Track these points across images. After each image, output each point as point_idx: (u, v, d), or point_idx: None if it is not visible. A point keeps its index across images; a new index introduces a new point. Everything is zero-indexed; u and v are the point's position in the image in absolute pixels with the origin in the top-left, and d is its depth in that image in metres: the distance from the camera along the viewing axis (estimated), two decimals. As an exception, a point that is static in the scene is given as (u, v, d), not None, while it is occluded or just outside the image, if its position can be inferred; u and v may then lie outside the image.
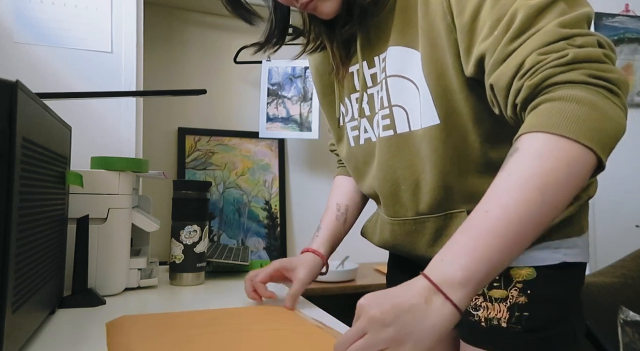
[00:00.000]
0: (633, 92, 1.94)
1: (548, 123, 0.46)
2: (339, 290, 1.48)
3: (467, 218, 0.50)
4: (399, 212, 0.76)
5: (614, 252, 1.53)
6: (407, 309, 0.46)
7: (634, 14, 1.97)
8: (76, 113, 1.20)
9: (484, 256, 0.46)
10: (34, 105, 0.56)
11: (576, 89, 0.47)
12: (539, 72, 0.49)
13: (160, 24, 1.72)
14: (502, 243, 0.46)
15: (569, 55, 0.48)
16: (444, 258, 0.48)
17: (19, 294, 0.52)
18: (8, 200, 0.47)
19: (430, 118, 0.66)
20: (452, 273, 0.46)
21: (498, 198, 0.47)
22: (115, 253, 0.88)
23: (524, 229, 0.46)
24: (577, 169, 0.46)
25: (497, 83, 0.54)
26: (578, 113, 0.46)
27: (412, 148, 0.70)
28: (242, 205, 1.77)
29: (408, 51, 0.68)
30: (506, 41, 0.53)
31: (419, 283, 0.48)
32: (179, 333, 0.62)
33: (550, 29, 0.50)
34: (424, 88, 0.66)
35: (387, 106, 0.72)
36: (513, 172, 0.47)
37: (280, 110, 1.77)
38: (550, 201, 0.46)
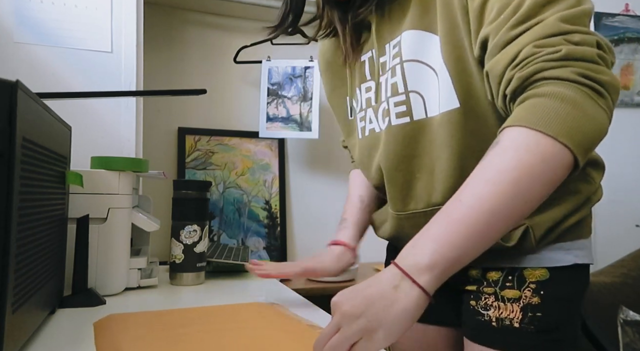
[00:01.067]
0: (633, 92, 1.94)
1: (529, 119, 0.47)
2: (339, 290, 1.48)
3: (444, 206, 0.51)
4: (409, 204, 0.74)
5: (614, 252, 1.53)
6: (377, 298, 0.47)
7: (634, 14, 1.97)
8: (76, 113, 1.20)
9: (452, 243, 0.48)
10: (34, 105, 0.56)
11: (563, 87, 0.48)
12: (531, 65, 0.50)
13: (160, 23, 1.72)
14: (472, 231, 0.48)
15: (562, 51, 0.48)
16: (414, 244, 0.50)
17: (19, 294, 0.52)
18: (8, 200, 0.47)
19: (449, 103, 0.64)
20: (420, 258, 0.48)
21: (473, 188, 0.49)
22: (115, 253, 0.88)
23: (494, 220, 0.48)
24: (552, 166, 0.47)
25: (492, 70, 0.55)
26: (560, 111, 0.46)
27: (429, 135, 0.68)
28: (242, 205, 1.77)
29: (426, 35, 0.66)
30: (508, 27, 0.53)
31: (388, 272, 0.49)
32: (167, 332, 0.62)
33: (551, 22, 0.50)
34: (443, 73, 0.64)
35: (402, 92, 0.69)
36: (491, 164, 0.49)
37: (280, 110, 1.77)
38: (523, 195, 0.47)
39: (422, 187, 0.71)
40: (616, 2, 1.97)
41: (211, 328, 0.64)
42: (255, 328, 0.64)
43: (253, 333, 0.62)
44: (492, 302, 0.70)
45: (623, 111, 1.84)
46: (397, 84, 0.70)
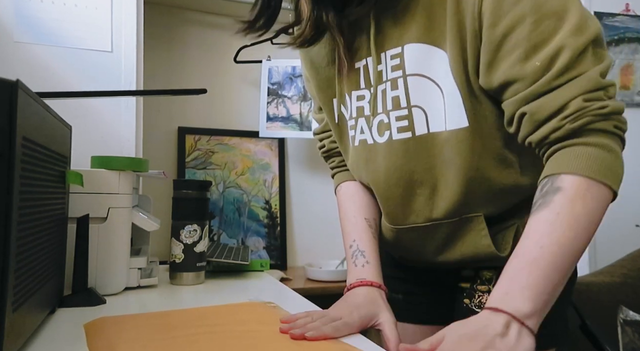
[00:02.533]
0: (633, 92, 1.94)
1: (590, 169, 0.54)
2: (339, 290, 1.47)
3: (520, 252, 0.55)
4: (408, 218, 0.73)
5: (614, 252, 1.53)
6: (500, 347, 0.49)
7: (634, 14, 1.97)
8: (76, 112, 1.20)
9: (546, 288, 0.53)
10: (34, 105, 0.56)
11: (607, 138, 0.55)
12: (582, 118, 0.55)
13: (161, 23, 1.72)
14: (559, 275, 0.53)
15: (608, 107, 0.55)
16: (508, 291, 0.53)
17: (19, 293, 0.52)
18: (8, 199, 0.47)
19: (458, 121, 0.64)
20: (522, 305, 0.52)
21: (551, 234, 0.54)
22: (115, 252, 0.88)
23: (573, 261, 0.55)
24: (604, 208, 0.56)
25: (535, 114, 0.57)
26: (609, 162, 0.55)
27: (431, 150, 0.67)
28: (242, 205, 1.77)
29: (432, 50, 0.64)
30: (551, 77, 0.56)
31: (494, 318, 0.51)
32: (161, 334, 0.62)
33: (594, 77, 0.55)
34: (451, 90, 0.64)
35: (405, 107, 0.68)
36: (562, 212, 0.54)
37: (281, 109, 1.77)
38: (590, 235, 0.55)
39: (423, 202, 0.71)
40: (616, 2, 1.97)
41: (207, 329, 0.64)
42: (250, 329, 0.64)
43: (247, 333, 0.62)
44: (485, 300, 0.71)
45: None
46: (399, 97, 0.68)
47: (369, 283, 0.72)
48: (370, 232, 0.79)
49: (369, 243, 0.77)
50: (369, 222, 0.80)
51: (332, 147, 0.90)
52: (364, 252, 0.77)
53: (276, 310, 0.75)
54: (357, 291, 0.71)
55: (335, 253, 1.73)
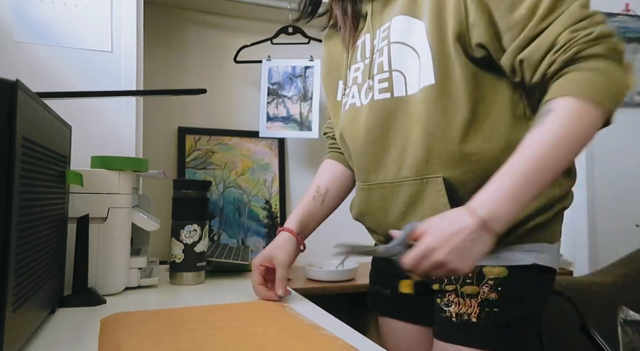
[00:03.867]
0: (633, 91, 1.94)
1: (578, 90, 0.59)
2: (339, 290, 1.48)
3: (507, 164, 0.61)
4: (379, 175, 0.80)
5: (614, 252, 1.53)
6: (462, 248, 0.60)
7: (634, 14, 1.97)
8: (76, 112, 1.20)
9: (522, 198, 0.60)
10: (34, 105, 0.56)
11: (598, 61, 0.59)
12: (571, 48, 0.60)
13: (160, 23, 1.72)
14: (537, 188, 0.60)
15: (594, 32, 0.59)
16: (488, 198, 0.61)
17: (19, 293, 0.52)
18: (8, 199, 0.47)
19: (426, 80, 0.71)
20: (497, 211, 0.60)
21: (537, 149, 0.60)
22: (115, 252, 0.88)
23: (553, 177, 0.61)
24: (596, 128, 0.60)
25: (530, 57, 0.64)
26: (601, 82, 0.59)
27: (406, 110, 0.74)
28: (242, 205, 1.77)
29: (412, 21, 0.74)
30: (536, 21, 0.62)
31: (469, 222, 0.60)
32: (167, 330, 0.62)
33: (576, 11, 0.61)
34: (425, 53, 0.71)
35: (387, 70, 0.77)
36: (552, 129, 0.59)
37: (281, 109, 1.77)
38: (575, 154, 0.61)
39: (394, 160, 0.77)
40: (616, 2, 1.97)
41: (212, 326, 0.64)
42: (255, 326, 0.64)
43: (253, 331, 0.62)
44: (453, 299, 0.74)
45: (623, 111, 1.84)
46: (383, 63, 0.77)
47: (281, 229, 0.89)
48: (312, 194, 0.94)
49: (302, 200, 0.94)
50: (319, 187, 0.95)
51: (327, 131, 1.06)
52: (296, 208, 0.93)
53: (286, 310, 0.75)
54: (275, 239, 0.88)
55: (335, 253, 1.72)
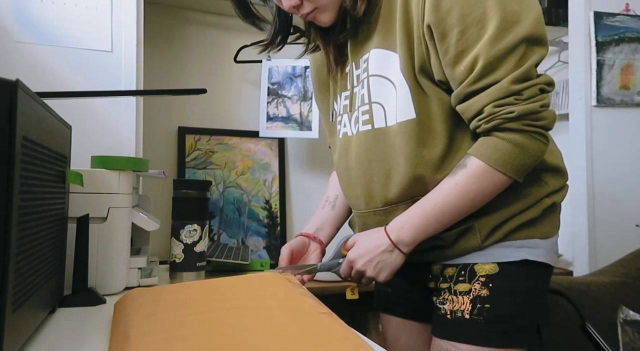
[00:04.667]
0: (633, 92, 1.94)
1: (489, 157, 0.68)
2: (339, 290, 1.48)
3: (422, 201, 0.74)
4: (369, 203, 0.83)
5: (614, 252, 1.53)
6: (379, 260, 0.76)
7: (635, 14, 1.97)
8: (76, 112, 1.20)
9: (427, 231, 0.74)
10: (34, 105, 0.56)
11: (516, 135, 0.67)
12: (493, 121, 0.67)
13: (161, 23, 1.72)
14: (441, 226, 0.73)
15: (514, 112, 0.65)
16: (403, 226, 0.74)
17: (19, 293, 0.52)
18: (8, 199, 0.47)
19: (406, 113, 0.74)
20: (407, 239, 0.74)
21: (445, 196, 0.71)
22: (115, 252, 0.88)
23: (455, 219, 0.73)
24: (498, 189, 0.71)
25: (464, 113, 0.71)
26: (511, 153, 0.67)
27: (386, 142, 0.77)
28: (242, 205, 1.77)
29: (388, 53, 0.77)
30: (470, 82, 0.68)
31: (385, 243, 0.75)
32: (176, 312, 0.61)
33: (504, 86, 0.65)
34: (402, 86, 0.74)
35: (367, 102, 0.80)
36: (459, 182, 0.70)
37: (281, 109, 1.77)
38: (476, 206, 0.72)
39: (379, 188, 0.80)
40: (616, 2, 1.97)
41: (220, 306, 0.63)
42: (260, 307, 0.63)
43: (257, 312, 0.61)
44: (447, 296, 0.77)
45: (623, 111, 1.84)
46: (364, 95, 0.81)
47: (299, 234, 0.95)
48: (322, 204, 1.01)
49: (316, 212, 1.00)
50: (328, 197, 1.01)
51: None
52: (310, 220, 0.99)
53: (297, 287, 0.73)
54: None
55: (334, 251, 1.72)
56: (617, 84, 1.85)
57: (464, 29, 0.66)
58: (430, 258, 0.81)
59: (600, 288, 1.29)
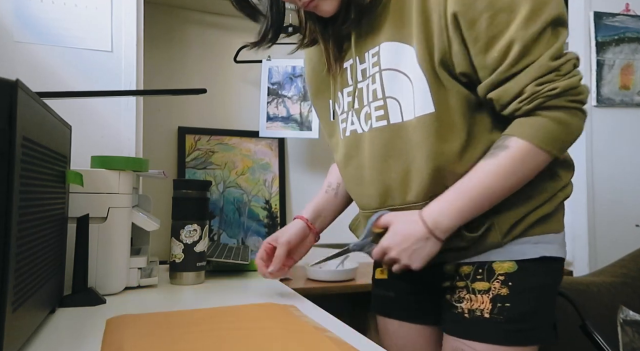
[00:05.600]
0: (633, 92, 1.94)
1: (534, 136, 0.66)
2: (339, 290, 1.48)
3: (460, 185, 0.70)
4: (385, 201, 0.80)
5: (614, 252, 1.53)
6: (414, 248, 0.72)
7: (635, 14, 1.97)
8: (76, 112, 1.20)
9: (468, 217, 0.71)
10: (34, 105, 0.56)
11: (560, 112, 0.66)
12: (535, 100, 0.66)
13: (161, 23, 1.72)
14: (479, 211, 0.71)
15: (557, 88, 0.64)
16: (441, 211, 0.71)
17: (19, 293, 0.52)
18: (8, 199, 0.47)
19: (424, 107, 0.72)
20: (445, 224, 0.70)
21: (487, 179, 0.69)
22: (115, 252, 0.88)
23: (495, 202, 0.71)
24: (539, 170, 0.69)
25: (498, 99, 0.69)
26: (555, 131, 0.66)
27: (404, 137, 0.75)
28: (242, 204, 1.77)
29: (402, 46, 0.74)
30: (506, 67, 0.66)
31: (421, 228, 0.71)
32: (172, 331, 0.62)
33: (544, 63, 0.65)
34: (419, 80, 0.72)
35: (381, 97, 0.77)
36: (502, 164, 0.68)
37: (281, 109, 1.77)
38: (517, 188, 0.70)
39: (397, 187, 0.78)
40: (616, 2, 1.97)
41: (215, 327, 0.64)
42: (259, 328, 0.64)
43: (257, 332, 0.62)
44: (464, 295, 0.75)
45: (623, 111, 1.84)
46: (376, 90, 0.77)
47: (295, 217, 0.93)
48: (324, 189, 0.98)
49: (317, 196, 0.97)
50: (330, 183, 0.98)
51: None
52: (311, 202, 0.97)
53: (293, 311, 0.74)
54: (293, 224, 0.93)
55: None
56: (617, 84, 1.85)
57: (494, 14, 0.65)
58: (444, 259, 0.78)
59: (600, 288, 1.29)
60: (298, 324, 0.67)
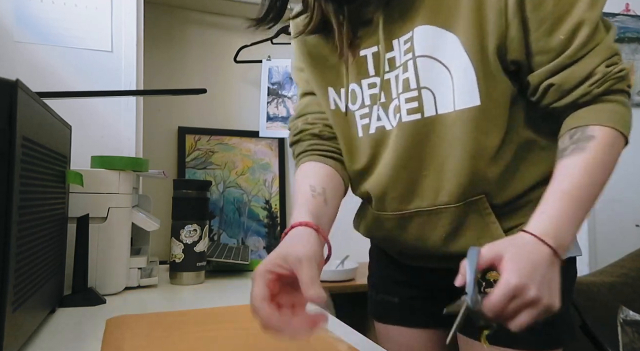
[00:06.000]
0: (633, 92, 1.94)
1: (616, 122, 0.62)
2: (339, 290, 1.48)
3: (560, 189, 0.60)
4: (411, 202, 0.73)
5: (614, 252, 1.53)
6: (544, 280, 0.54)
7: (635, 14, 1.97)
8: (76, 112, 1.20)
9: (579, 223, 0.60)
10: (34, 105, 0.56)
11: (623, 96, 0.64)
12: (605, 82, 0.62)
13: (161, 23, 1.72)
14: (586, 213, 0.60)
15: (624, 69, 0.62)
16: (558, 223, 0.58)
17: (19, 293, 0.52)
18: (8, 199, 0.47)
19: (468, 100, 0.66)
20: (567, 240, 0.58)
21: (589, 175, 0.60)
22: (115, 252, 0.88)
23: (595, 201, 0.61)
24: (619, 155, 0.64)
25: (563, 84, 0.64)
26: (627, 116, 0.63)
27: (439, 131, 0.68)
28: (242, 205, 1.77)
29: (440, 32, 0.66)
30: (574, 49, 0.62)
31: (542, 252, 0.56)
32: (172, 331, 0.62)
33: (610, 45, 0.63)
34: (463, 70, 0.65)
35: (414, 88, 0.69)
36: (597, 156, 0.61)
37: (281, 109, 1.77)
38: (608, 180, 0.63)
39: (429, 185, 0.71)
40: (616, 2, 1.97)
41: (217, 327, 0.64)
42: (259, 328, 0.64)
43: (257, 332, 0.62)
44: None
45: (623, 111, 1.84)
46: (409, 79, 0.69)
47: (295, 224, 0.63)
48: (310, 193, 0.72)
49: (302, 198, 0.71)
50: (313, 187, 0.73)
51: (305, 128, 0.83)
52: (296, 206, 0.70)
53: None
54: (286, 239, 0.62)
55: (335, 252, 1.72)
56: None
57: None
58: (454, 248, 0.73)
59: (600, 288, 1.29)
60: None
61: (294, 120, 0.87)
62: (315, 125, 0.82)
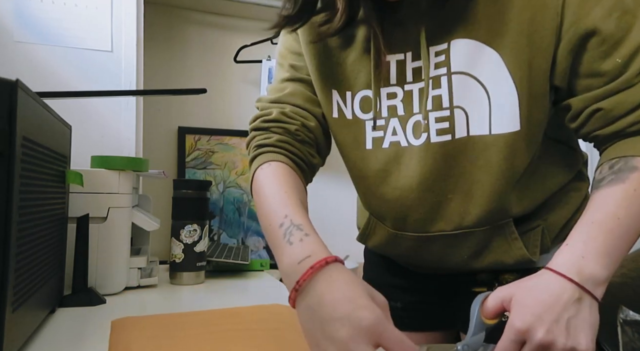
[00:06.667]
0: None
1: None
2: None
3: (592, 219, 0.55)
4: (435, 225, 0.69)
5: (614, 252, 1.53)
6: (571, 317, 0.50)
7: (635, 14, 1.97)
8: (76, 112, 1.20)
9: (618, 258, 0.53)
10: (34, 104, 0.56)
11: None
12: None
13: (161, 23, 1.72)
14: (627, 248, 0.54)
15: None
16: (584, 255, 0.52)
17: (19, 293, 0.52)
18: (8, 199, 0.47)
19: (507, 124, 0.61)
20: (597, 272, 0.51)
21: (628, 208, 0.54)
22: (115, 252, 0.88)
23: (637, 235, 0.55)
24: None
25: (612, 110, 0.58)
26: None
27: (469, 154, 0.64)
28: (242, 204, 1.77)
29: (480, 47, 0.60)
30: (632, 75, 0.56)
31: (566, 287, 0.51)
32: (178, 333, 0.62)
33: None
34: (505, 93, 0.61)
35: (447, 107, 0.63)
36: (638, 189, 0.55)
37: (281, 109, 1.77)
38: None
39: (454, 209, 0.67)
40: None
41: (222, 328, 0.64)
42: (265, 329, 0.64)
43: (263, 333, 0.62)
44: None
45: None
46: (441, 97, 0.63)
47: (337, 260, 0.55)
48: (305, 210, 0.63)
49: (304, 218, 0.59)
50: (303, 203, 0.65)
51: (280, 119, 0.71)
52: (300, 225, 0.58)
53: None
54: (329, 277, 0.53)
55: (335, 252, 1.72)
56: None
57: (621, 16, 0.56)
58: (477, 265, 0.70)
59: (600, 288, 1.29)
60: None
61: (267, 102, 0.74)
62: (292, 121, 0.70)
